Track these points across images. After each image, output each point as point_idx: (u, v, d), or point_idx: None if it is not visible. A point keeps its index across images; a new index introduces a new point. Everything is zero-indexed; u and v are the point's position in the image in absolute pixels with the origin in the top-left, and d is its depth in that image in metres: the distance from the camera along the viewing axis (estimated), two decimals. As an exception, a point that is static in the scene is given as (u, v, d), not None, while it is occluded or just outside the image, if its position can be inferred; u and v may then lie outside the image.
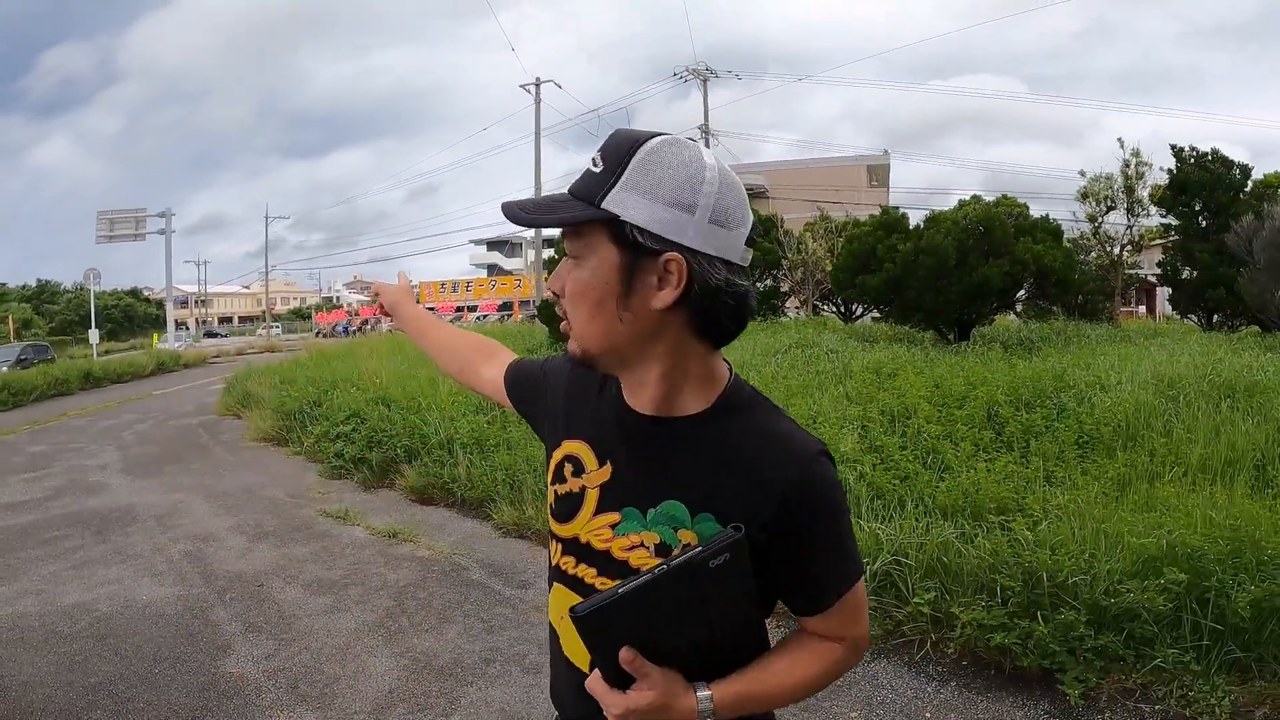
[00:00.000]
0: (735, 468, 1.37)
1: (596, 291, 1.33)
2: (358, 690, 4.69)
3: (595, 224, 1.31)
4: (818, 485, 1.36)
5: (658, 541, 1.39)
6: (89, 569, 7.01)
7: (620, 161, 1.29)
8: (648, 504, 1.41)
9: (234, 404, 17.15)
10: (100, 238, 48.66)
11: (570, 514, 1.51)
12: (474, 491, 8.41)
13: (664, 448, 1.42)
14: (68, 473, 11.65)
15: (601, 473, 1.48)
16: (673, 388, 1.40)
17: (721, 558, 1.25)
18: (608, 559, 1.44)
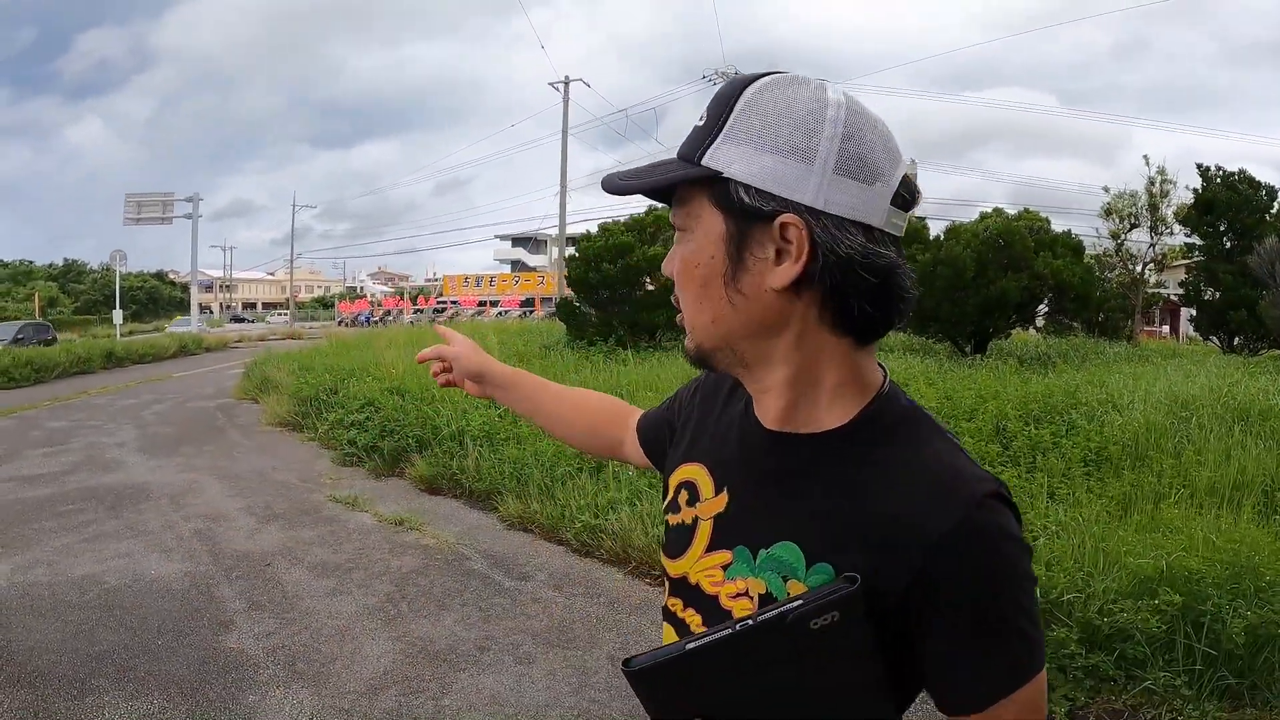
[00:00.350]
0: (871, 506, 1.04)
1: (702, 269, 1.08)
2: (353, 670, 4.80)
3: (698, 188, 1.07)
4: (981, 541, 0.99)
5: (763, 592, 1.10)
6: (100, 543, 7.16)
7: (723, 109, 1.06)
8: (759, 543, 1.11)
9: (252, 388, 17.32)
10: (128, 220, 48.91)
11: (680, 549, 1.24)
12: (481, 483, 8.51)
13: (785, 473, 1.13)
14: (86, 449, 11.84)
15: (716, 502, 1.20)
16: (801, 395, 1.11)
17: (826, 617, 0.95)
18: (715, 606, 1.16)
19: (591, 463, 8.02)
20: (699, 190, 1.07)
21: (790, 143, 1.01)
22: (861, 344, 1.09)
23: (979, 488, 1.01)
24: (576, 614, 5.61)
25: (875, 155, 1.02)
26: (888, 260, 1.03)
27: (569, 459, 8.15)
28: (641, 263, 17.36)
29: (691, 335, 1.14)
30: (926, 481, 1.02)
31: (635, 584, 6.14)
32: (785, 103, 1.02)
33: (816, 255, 1.01)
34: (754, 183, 1.02)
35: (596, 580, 6.22)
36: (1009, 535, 1.00)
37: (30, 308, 63.12)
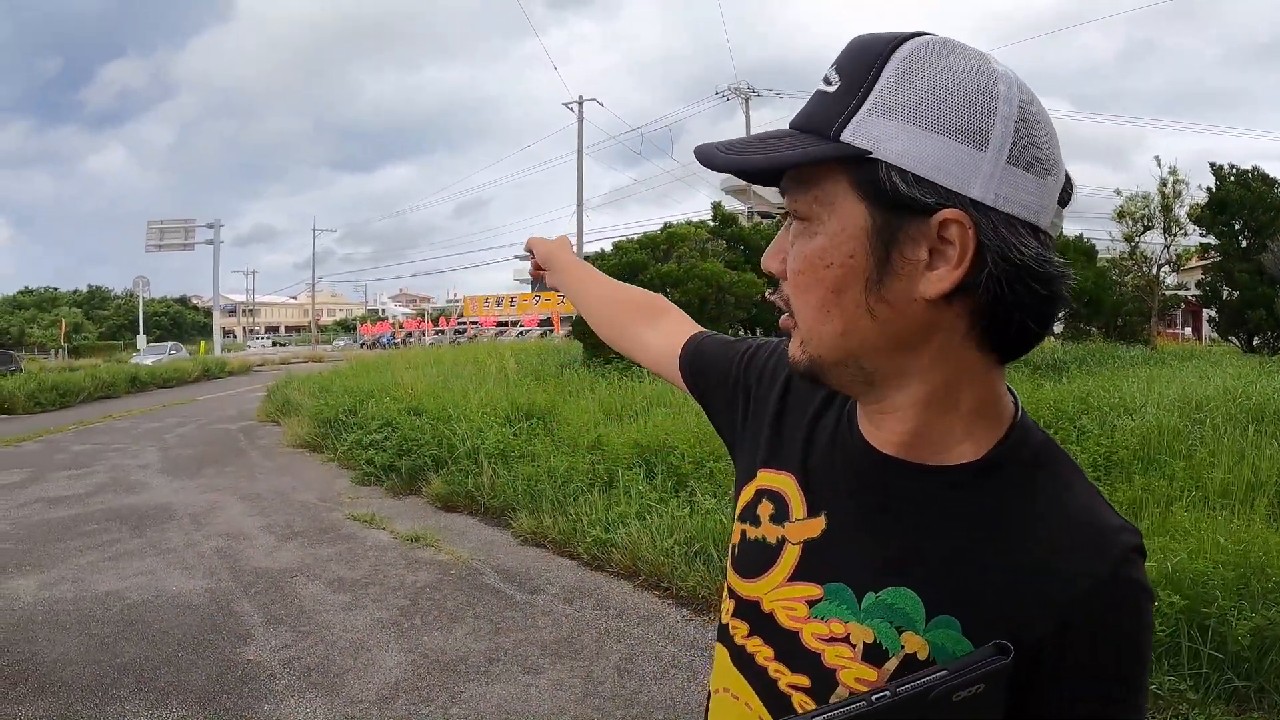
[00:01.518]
0: (1009, 555, 0.89)
1: (836, 269, 0.88)
2: (366, 681, 4.94)
3: (831, 168, 0.87)
4: (1126, 598, 0.87)
5: (870, 641, 0.93)
6: (124, 560, 7.34)
7: (866, 72, 0.85)
8: (868, 585, 0.95)
9: (273, 411, 17.51)
10: (150, 246, 49.36)
11: (757, 569, 1.06)
12: (496, 500, 8.65)
13: (905, 509, 0.95)
14: (110, 471, 12.04)
15: (810, 525, 1.02)
16: (933, 421, 0.93)
17: (971, 690, 0.82)
18: (793, 644, 1.00)
19: (603, 478, 8.16)
20: (833, 171, 0.87)
21: (959, 122, 0.82)
22: (1003, 361, 0.93)
23: (1125, 539, 0.89)
24: (585, 626, 5.73)
25: (1047, 142, 0.86)
26: (1058, 268, 0.85)
27: (581, 475, 8.28)
28: (655, 280, 17.46)
29: (806, 345, 0.93)
30: (1072, 530, 0.89)
31: (644, 596, 6.25)
32: (949, 72, 0.83)
33: (983, 260, 0.83)
34: (912, 168, 0.82)
35: (606, 593, 6.34)
36: (1147, 595, 0.89)
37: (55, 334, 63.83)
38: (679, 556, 6.39)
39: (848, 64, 0.86)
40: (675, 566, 6.32)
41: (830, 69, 0.88)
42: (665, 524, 6.80)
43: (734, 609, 1.09)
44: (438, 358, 21.42)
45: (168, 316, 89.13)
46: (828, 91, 0.87)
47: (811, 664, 0.97)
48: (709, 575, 6.10)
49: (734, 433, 1.24)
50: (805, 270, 0.90)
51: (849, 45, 0.89)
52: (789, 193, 0.91)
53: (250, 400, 21.67)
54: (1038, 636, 0.85)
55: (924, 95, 0.82)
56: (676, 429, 8.99)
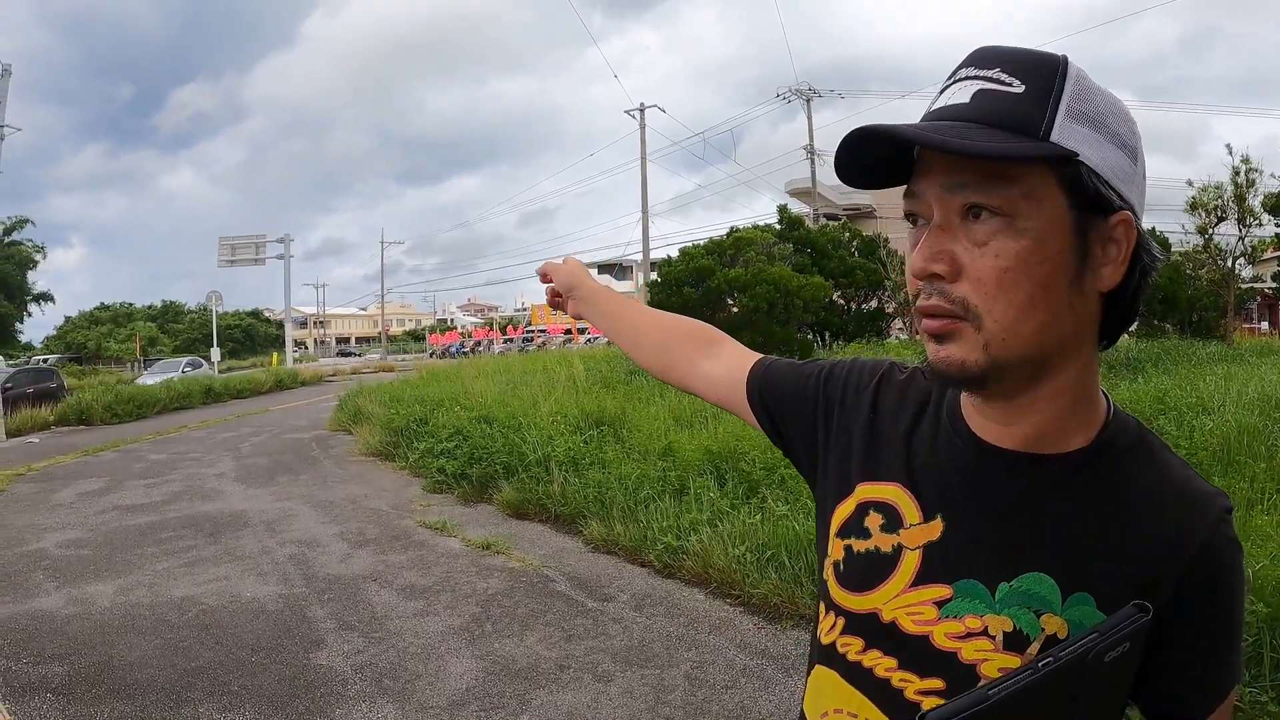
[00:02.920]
0: (1130, 527, 0.97)
1: (1046, 265, 0.90)
2: (437, 687, 4.92)
3: (1037, 167, 0.90)
4: (1229, 551, 0.97)
5: (1009, 629, 0.97)
6: (199, 567, 7.42)
7: (1051, 79, 0.91)
8: (1000, 576, 0.99)
9: (345, 420, 17.69)
10: (222, 262, 50.11)
11: (872, 580, 1.08)
12: (566, 508, 8.62)
13: (1028, 499, 1.00)
14: (185, 480, 12.22)
15: (928, 529, 1.05)
16: (1067, 412, 0.99)
17: (1120, 649, 0.90)
18: (922, 648, 1.02)
19: (674, 485, 8.10)
20: (1040, 170, 0.90)
21: (1124, 137, 0.93)
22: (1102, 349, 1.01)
23: (1220, 502, 0.99)
24: (656, 633, 5.67)
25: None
26: (1161, 264, 0.98)
27: (652, 482, 8.22)
28: (722, 285, 17.41)
29: (992, 346, 0.93)
30: (1176, 499, 0.98)
31: (716, 604, 6.17)
32: (1104, 93, 0.93)
33: (1140, 257, 0.94)
34: (1102, 172, 0.90)
35: (677, 601, 6.27)
36: (1239, 549, 0.99)
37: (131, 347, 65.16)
38: (750, 564, 6.31)
39: (1023, 70, 0.91)
40: (747, 574, 6.24)
41: (994, 70, 0.93)
42: (737, 531, 6.71)
43: (844, 626, 1.10)
44: (506, 366, 21.49)
45: (240, 329, 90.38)
46: (1012, 90, 0.91)
47: (946, 664, 1.00)
48: (781, 583, 6.02)
49: (816, 452, 1.24)
50: (1014, 267, 0.90)
51: (1006, 51, 0.94)
52: (977, 188, 0.91)
53: (322, 410, 21.96)
54: (1162, 597, 0.94)
55: (1102, 109, 0.91)
56: (747, 435, 8.89)
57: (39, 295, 58.32)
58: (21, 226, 55.99)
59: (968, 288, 0.92)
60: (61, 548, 8.26)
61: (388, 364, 53.82)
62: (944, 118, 0.93)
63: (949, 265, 0.93)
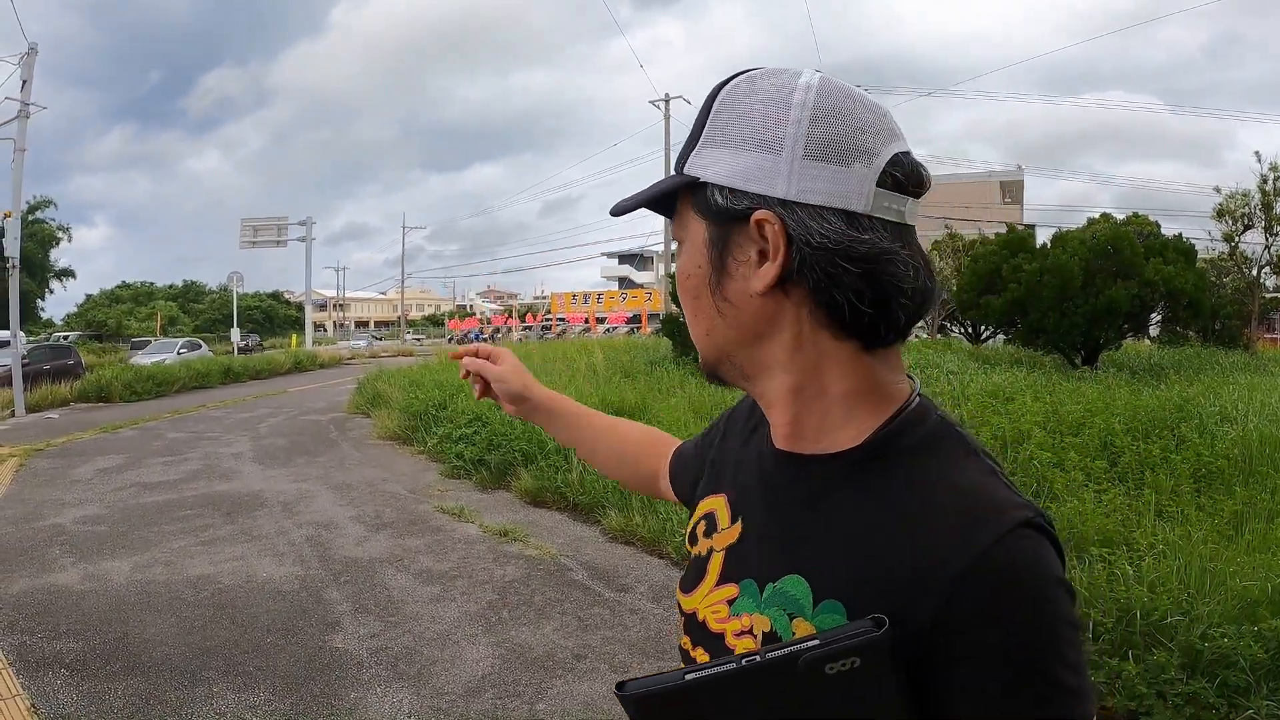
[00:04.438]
0: (888, 538, 0.88)
1: (693, 280, 0.99)
2: (453, 673, 4.89)
3: (684, 197, 1.00)
4: (1010, 575, 0.81)
5: (767, 630, 0.95)
6: (216, 546, 7.42)
7: (704, 115, 0.98)
8: (768, 576, 0.97)
9: (364, 403, 17.72)
10: (244, 243, 50.27)
11: (693, 583, 1.10)
12: (585, 497, 8.59)
13: (797, 499, 0.99)
14: (203, 459, 12.26)
15: (730, 532, 1.07)
16: (805, 408, 0.98)
17: (845, 662, 0.79)
18: (721, 645, 1.01)
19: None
20: (685, 200, 1.00)
21: (758, 136, 0.92)
22: (869, 348, 0.95)
23: (1010, 515, 0.84)
24: (673, 625, 5.61)
25: (852, 135, 0.90)
26: (870, 246, 0.89)
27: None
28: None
29: (698, 349, 1.04)
30: (950, 509, 0.87)
31: (734, 598, 6.11)
32: (754, 96, 0.94)
33: (793, 249, 0.90)
34: (728, 183, 0.93)
35: (696, 593, 6.20)
36: (1043, 571, 0.83)
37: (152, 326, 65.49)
38: (770, 558, 6.24)
39: (699, 112, 1.00)
40: (766, 568, 6.17)
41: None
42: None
43: (684, 625, 1.13)
44: (526, 353, 21.51)
45: (260, 310, 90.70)
46: (688, 136, 1.02)
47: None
48: (801, 578, 5.95)
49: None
50: (681, 284, 1.03)
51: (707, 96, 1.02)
52: (674, 227, 1.05)
53: (340, 393, 22.03)
54: (921, 619, 0.82)
55: (731, 121, 0.95)
56: (767, 429, 8.84)
57: (60, 271, 58.70)
58: (45, 207, 56.37)
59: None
60: (79, 524, 8.27)
61: (406, 348, 53.94)
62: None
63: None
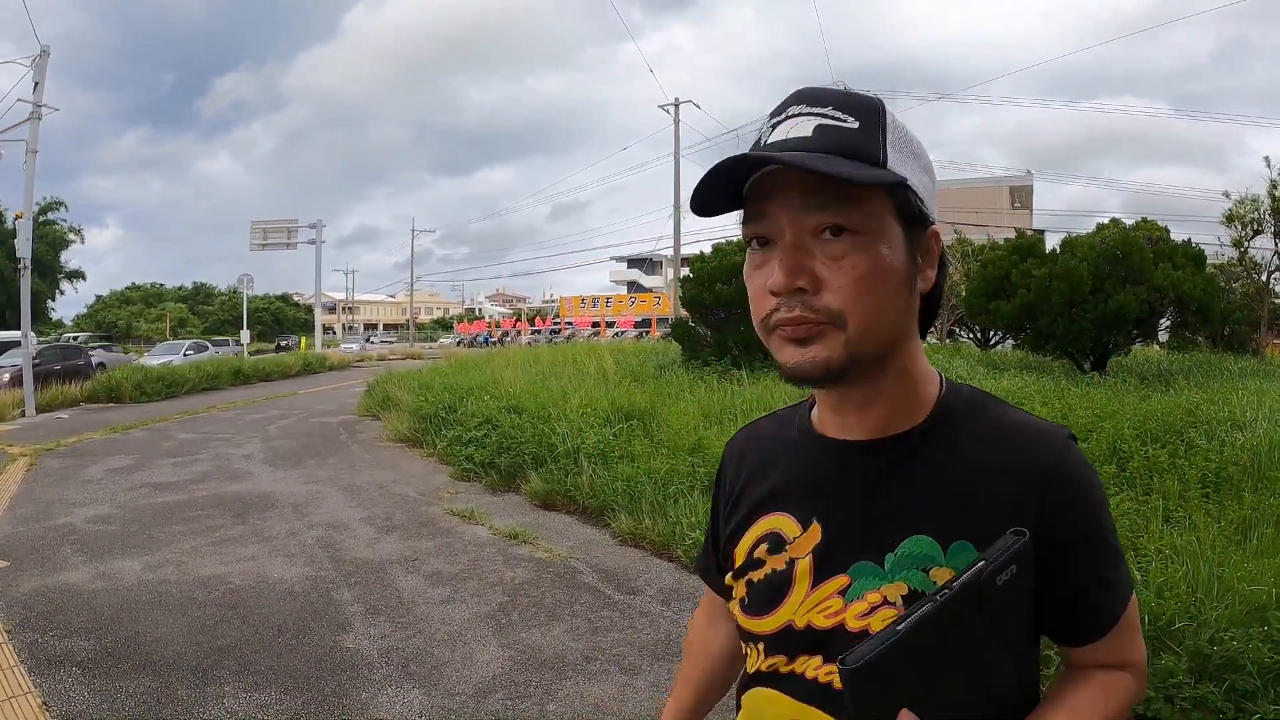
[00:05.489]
0: (980, 475, 1.10)
1: (899, 274, 1.07)
2: (463, 675, 4.89)
3: (877, 190, 1.05)
4: (1079, 471, 1.10)
5: (905, 592, 1.08)
6: (227, 546, 7.43)
7: (876, 117, 1.08)
8: (885, 549, 1.11)
9: (374, 406, 17.70)
10: (254, 245, 50.33)
11: (775, 599, 1.18)
12: (595, 500, 8.58)
13: (890, 475, 1.14)
14: (214, 459, 12.28)
15: (809, 536, 1.16)
16: (905, 395, 1.15)
17: (1008, 572, 0.98)
18: (841, 634, 1.11)
19: (704, 481, 8.03)
20: (879, 194, 1.05)
21: (925, 162, 1.12)
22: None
23: (1058, 433, 1.13)
24: (683, 628, 5.60)
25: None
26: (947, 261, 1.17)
27: (681, 477, 8.17)
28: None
29: (852, 343, 1.05)
30: (1017, 438, 1.12)
31: (744, 601, 6.10)
32: (905, 126, 1.11)
33: (943, 263, 1.15)
34: (921, 194, 1.09)
35: (705, 596, 6.20)
36: (1090, 468, 1.13)
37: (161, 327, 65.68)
38: (779, 562, 6.23)
39: (853, 109, 1.07)
40: (776, 571, 6.16)
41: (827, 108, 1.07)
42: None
43: (765, 649, 1.20)
44: (536, 357, 21.50)
45: (269, 313, 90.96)
46: (849, 128, 1.06)
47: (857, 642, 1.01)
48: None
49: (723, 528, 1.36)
50: (869, 276, 1.04)
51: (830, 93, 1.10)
52: (835, 209, 1.03)
53: (350, 395, 22.01)
54: (1028, 521, 1.04)
55: (911, 141, 1.10)
56: (778, 433, 8.83)
57: (70, 273, 58.89)
58: (56, 208, 56.57)
59: (830, 297, 1.04)
60: (90, 523, 8.30)
61: (415, 351, 54.03)
62: (790, 148, 1.05)
63: (810, 279, 1.04)
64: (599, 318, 71.32)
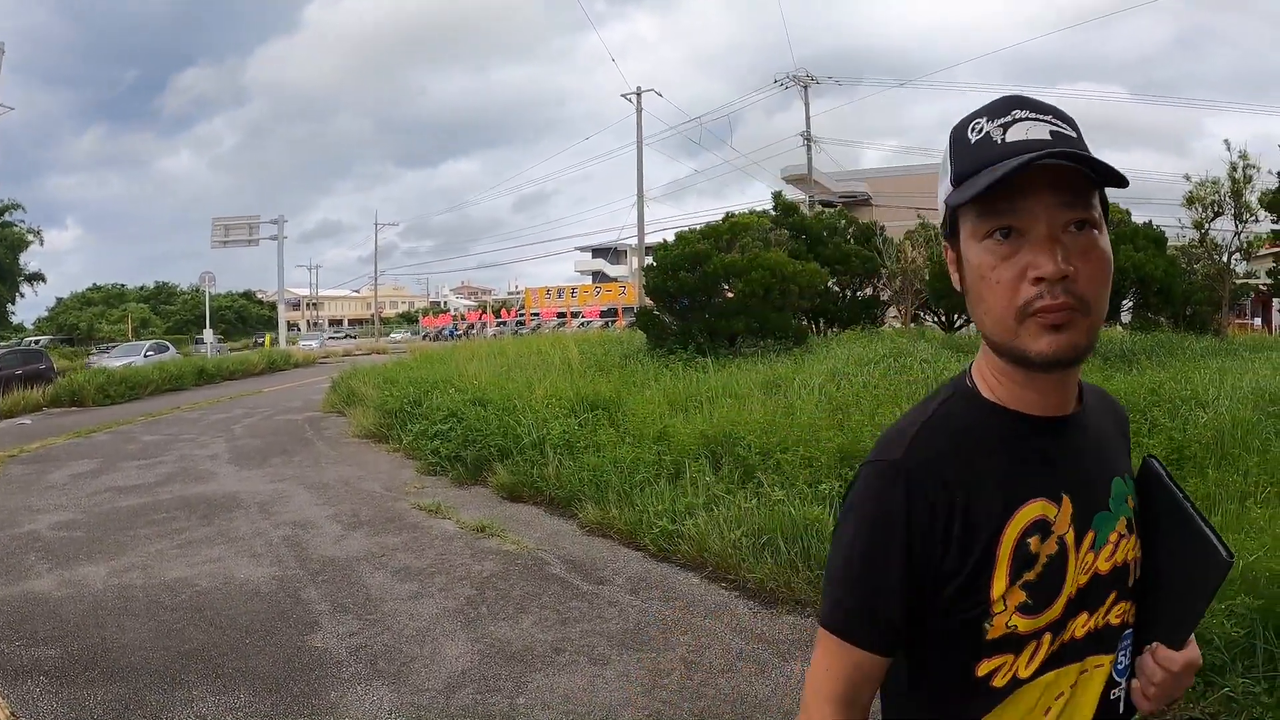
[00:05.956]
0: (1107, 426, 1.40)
1: (1112, 266, 1.20)
2: (432, 670, 4.91)
3: (1099, 191, 1.19)
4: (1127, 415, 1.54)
5: (1126, 521, 1.31)
6: (193, 548, 7.40)
7: (1079, 127, 1.19)
8: (1105, 495, 1.30)
9: (339, 402, 17.61)
10: (215, 242, 50.00)
11: (1059, 583, 1.24)
12: (562, 490, 8.60)
13: (1089, 437, 1.32)
14: (178, 461, 12.20)
15: (1065, 509, 1.25)
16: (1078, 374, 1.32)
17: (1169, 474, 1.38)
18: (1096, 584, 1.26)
19: (670, 469, 8.08)
20: (1095, 189, 1.18)
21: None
22: None
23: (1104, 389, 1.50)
24: (652, 617, 5.65)
25: None
26: None
27: (647, 466, 8.20)
28: (719, 270, 17.28)
29: (1093, 331, 1.18)
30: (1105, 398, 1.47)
31: (711, 588, 6.15)
32: None
33: None
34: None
35: (673, 584, 6.26)
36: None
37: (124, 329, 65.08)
38: (746, 548, 6.30)
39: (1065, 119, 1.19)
40: (743, 558, 6.23)
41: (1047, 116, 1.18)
42: (732, 515, 6.70)
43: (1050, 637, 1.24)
44: (501, 349, 21.46)
45: (233, 310, 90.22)
46: (1073, 135, 1.16)
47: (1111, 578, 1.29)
48: (777, 567, 6.01)
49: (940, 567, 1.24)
50: (1108, 268, 1.17)
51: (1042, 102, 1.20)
52: (1086, 207, 1.15)
53: (315, 392, 21.89)
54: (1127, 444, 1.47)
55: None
56: (742, 419, 8.89)
57: (30, 276, 58.18)
58: (13, 210, 55.83)
59: (1083, 285, 1.13)
60: (54, 529, 8.24)
61: (379, 346, 53.80)
62: (1033, 149, 1.12)
63: (1073, 267, 1.12)
64: (565, 308, 71.15)
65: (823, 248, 23.96)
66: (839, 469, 7.18)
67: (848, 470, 7.06)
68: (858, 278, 25.12)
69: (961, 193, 1.17)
